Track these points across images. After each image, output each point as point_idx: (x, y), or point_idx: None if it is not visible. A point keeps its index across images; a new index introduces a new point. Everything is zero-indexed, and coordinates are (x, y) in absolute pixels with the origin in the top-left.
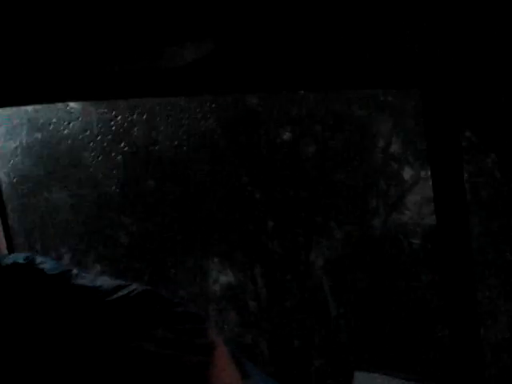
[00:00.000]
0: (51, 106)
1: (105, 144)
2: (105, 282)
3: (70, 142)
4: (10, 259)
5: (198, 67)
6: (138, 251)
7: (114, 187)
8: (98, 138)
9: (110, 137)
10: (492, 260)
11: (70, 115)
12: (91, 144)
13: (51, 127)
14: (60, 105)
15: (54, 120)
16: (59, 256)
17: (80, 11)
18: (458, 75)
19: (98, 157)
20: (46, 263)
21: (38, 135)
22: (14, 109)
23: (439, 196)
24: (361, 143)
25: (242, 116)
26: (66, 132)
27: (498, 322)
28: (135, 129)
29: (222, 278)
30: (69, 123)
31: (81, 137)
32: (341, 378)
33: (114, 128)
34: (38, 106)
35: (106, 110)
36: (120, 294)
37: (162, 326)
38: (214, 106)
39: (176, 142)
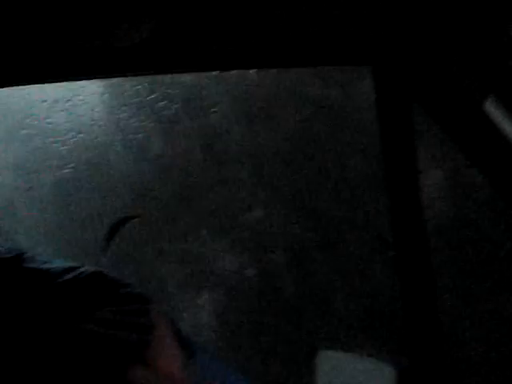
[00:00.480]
0: None
1: None
2: (56, 264)
3: None
4: None
5: (144, 46)
6: None
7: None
8: None
9: None
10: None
11: None
12: None
13: None
14: None
15: None
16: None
17: None
18: (409, 51)
19: None
20: (0, 247)
21: None
22: None
23: (391, 178)
24: None
25: None
26: None
27: None
28: None
29: None
30: None
31: None
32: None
33: None
34: None
35: None
36: (69, 276)
37: (106, 307)
38: None
39: None
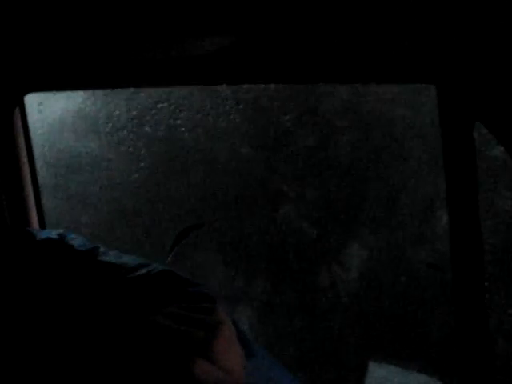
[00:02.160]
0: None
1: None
2: (129, 259)
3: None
4: (43, 234)
5: (218, 57)
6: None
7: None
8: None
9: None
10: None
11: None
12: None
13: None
14: None
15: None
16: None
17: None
18: (474, 72)
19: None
20: (75, 240)
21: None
22: None
23: (452, 193)
24: None
25: None
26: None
27: None
28: None
29: None
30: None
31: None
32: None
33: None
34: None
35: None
36: (141, 271)
37: (175, 303)
38: None
39: None
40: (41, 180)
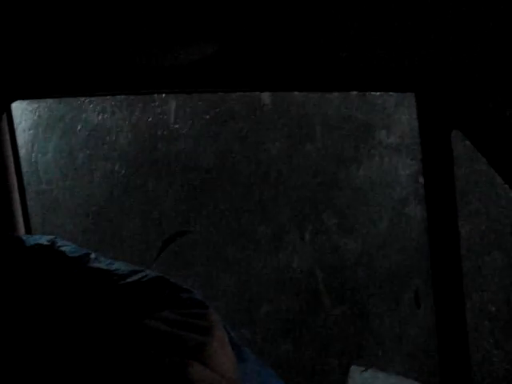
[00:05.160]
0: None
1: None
2: (120, 266)
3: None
4: (33, 240)
5: (203, 66)
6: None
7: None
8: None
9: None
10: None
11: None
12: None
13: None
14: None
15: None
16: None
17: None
18: (452, 80)
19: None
20: (66, 246)
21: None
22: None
23: (431, 199)
24: None
25: None
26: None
27: None
28: None
29: None
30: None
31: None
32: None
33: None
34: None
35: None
36: (133, 278)
37: (168, 309)
38: None
39: None
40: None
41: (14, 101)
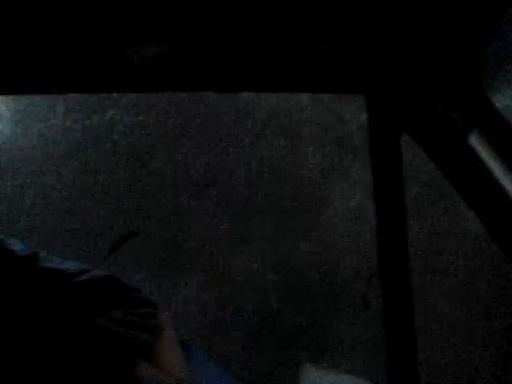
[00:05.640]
0: None
1: None
2: (71, 265)
3: None
4: None
5: (152, 65)
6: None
7: None
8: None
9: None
10: None
11: None
12: None
13: None
14: None
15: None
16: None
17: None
18: (401, 82)
19: None
20: (15, 245)
21: None
22: None
23: (379, 201)
24: None
25: None
26: None
27: None
28: None
29: None
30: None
31: None
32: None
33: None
34: None
35: None
36: (84, 277)
37: (118, 308)
38: None
39: None
40: None
41: None
